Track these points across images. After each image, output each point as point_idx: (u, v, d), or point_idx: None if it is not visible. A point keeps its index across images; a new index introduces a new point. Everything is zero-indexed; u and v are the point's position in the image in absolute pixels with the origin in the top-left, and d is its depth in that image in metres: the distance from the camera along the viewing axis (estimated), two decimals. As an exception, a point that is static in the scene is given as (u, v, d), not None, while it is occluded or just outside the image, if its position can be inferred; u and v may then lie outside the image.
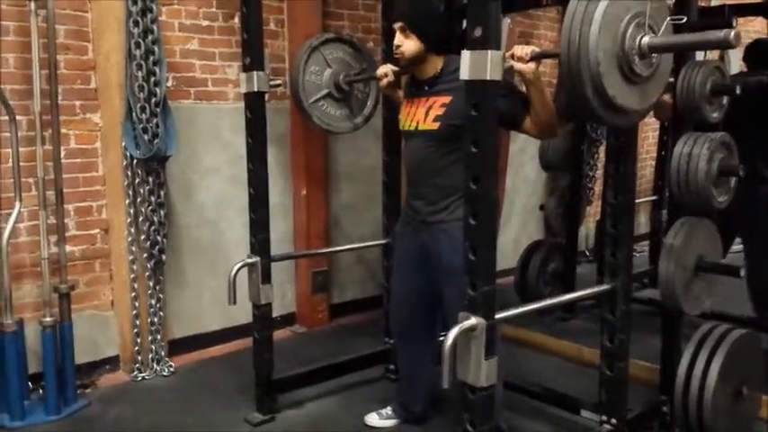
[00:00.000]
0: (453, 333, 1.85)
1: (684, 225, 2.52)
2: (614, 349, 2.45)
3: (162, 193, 3.43)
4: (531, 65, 2.11)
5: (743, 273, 2.61)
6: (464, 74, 1.81)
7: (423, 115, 2.50)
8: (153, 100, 3.27)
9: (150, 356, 3.52)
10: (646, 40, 1.80)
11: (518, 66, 2.10)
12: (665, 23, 1.85)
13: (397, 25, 2.49)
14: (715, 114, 2.65)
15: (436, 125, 2.45)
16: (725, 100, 2.69)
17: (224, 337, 3.87)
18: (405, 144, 2.71)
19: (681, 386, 2.52)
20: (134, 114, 3.25)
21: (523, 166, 5.27)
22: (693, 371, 2.50)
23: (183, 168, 3.65)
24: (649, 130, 5.88)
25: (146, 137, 3.25)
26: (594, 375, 2.58)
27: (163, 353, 3.57)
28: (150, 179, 3.39)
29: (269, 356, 3.01)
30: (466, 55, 1.79)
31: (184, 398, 3.26)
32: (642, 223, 5.36)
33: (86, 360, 3.38)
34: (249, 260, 2.90)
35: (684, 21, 2.02)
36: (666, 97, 2.65)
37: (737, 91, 2.56)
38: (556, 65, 5.10)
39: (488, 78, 1.77)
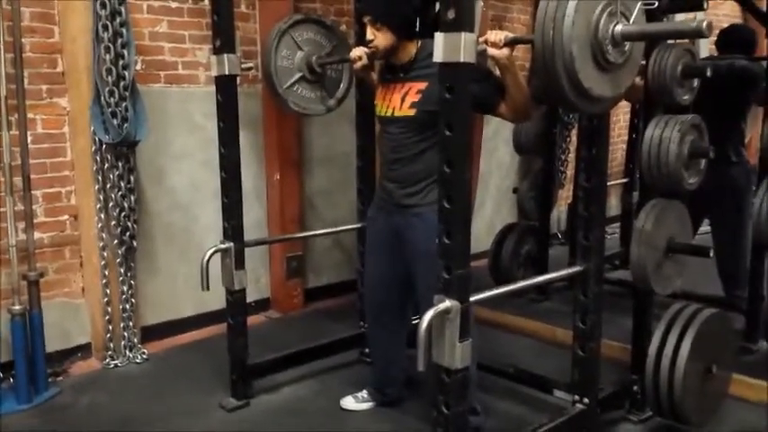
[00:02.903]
0: (428, 316, 1.85)
1: (655, 207, 2.55)
2: (586, 330, 2.48)
3: (132, 178, 3.38)
4: (505, 50, 2.10)
5: (712, 253, 2.65)
6: (437, 56, 1.80)
7: (399, 101, 2.49)
8: (121, 83, 3.20)
9: (122, 343, 3.48)
10: (619, 28, 1.80)
11: (492, 51, 2.10)
12: (636, 10, 1.85)
13: (366, 19, 2.48)
14: (686, 97, 2.67)
15: (412, 111, 2.44)
16: (695, 83, 2.72)
17: (198, 323, 3.85)
18: (380, 129, 2.69)
19: (651, 365, 2.57)
20: (102, 98, 3.19)
21: (497, 150, 5.30)
22: (664, 350, 2.54)
23: (153, 153, 3.60)
24: (620, 113, 5.94)
25: (115, 121, 3.20)
26: (567, 356, 2.62)
27: (135, 340, 3.54)
28: (120, 164, 3.34)
29: (243, 342, 3.00)
30: (439, 37, 1.78)
31: (158, 384, 3.24)
32: (613, 206, 5.42)
33: (57, 348, 3.35)
34: (222, 245, 2.87)
35: (656, 5, 2.02)
36: (637, 80, 2.67)
37: (708, 73, 2.59)
38: (529, 49, 5.13)
39: (462, 61, 1.77)
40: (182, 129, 3.73)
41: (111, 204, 3.36)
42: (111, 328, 3.45)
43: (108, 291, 3.44)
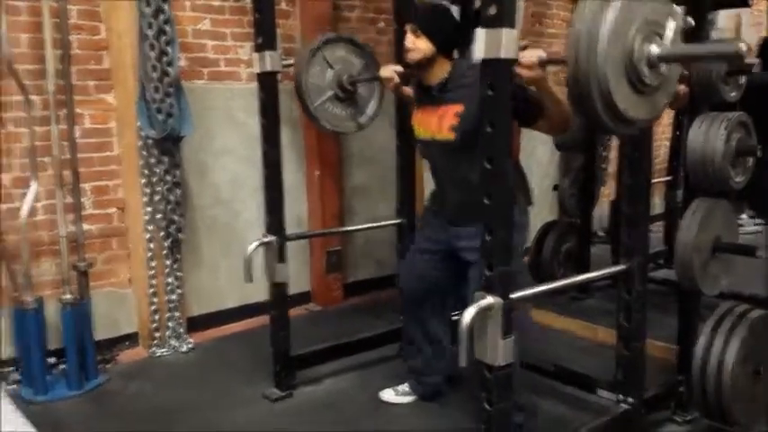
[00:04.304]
0: (470, 312, 1.85)
1: (701, 206, 2.50)
2: (631, 329, 2.44)
3: (177, 172, 3.45)
4: (539, 71, 2.05)
5: (759, 253, 2.59)
6: (478, 53, 1.78)
7: (436, 125, 2.48)
8: (166, 80, 3.27)
9: (168, 333, 3.56)
10: (655, 50, 1.74)
11: (525, 74, 2.03)
12: (671, 29, 1.79)
13: (408, 27, 2.48)
14: (732, 94, 2.61)
15: (452, 135, 2.43)
16: (742, 80, 2.65)
17: (241, 314, 3.91)
18: (421, 147, 2.69)
19: (698, 366, 2.52)
20: (148, 94, 3.25)
21: (536, 147, 5.24)
22: (711, 350, 2.49)
23: (197, 149, 3.66)
24: (664, 111, 5.81)
25: (160, 117, 3.26)
26: (609, 355, 2.58)
27: (181, 330, 3.61)
28: (165, 159, 3.40)
29: (286, 333, 3.04)
30: (480, 33, 1.76)
31: (203, 374, 3.31)
32: (657, 204, 5.32)
33: (106, 336, 3.44)
34: (265, 239, 2.91)
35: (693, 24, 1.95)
36: (682, 87, 2.63)
37: (754, 69, 2.52)
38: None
39: (503, 57, 1.75)
40: (224, 125, 3.78)
41: (157, 198, 3.43)
42: (157, 317, 3.54)
43: (154, 282, 3.52)
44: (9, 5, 2.99)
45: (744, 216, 5.57)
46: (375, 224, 3.54)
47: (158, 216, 3.45)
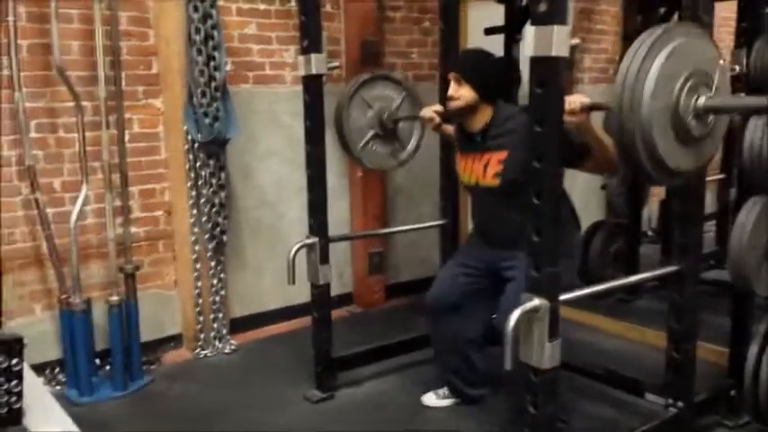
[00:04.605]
0: (516, 314, 1.83)
1: (757, 204, 2.42)
2: (682, 331, 2.39)
3: (222, 175, 3.49)
4: (582, 116, 2.06)
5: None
6: (528, 50, 1.76)
7: (481, 172, 2.52)
8: (213, 84, 3.31)
9: (212, 334, 3.60)
10: (702, 101, 1.71)
11: (568, 119, 2.03)
12: (718, 76, 1.74)
13: (452, 75, 2.51)
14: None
15: (497, 182, 2.47)
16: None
17: (283, 315, 3.94)
18: (465, 189, 2.73)
19: (751, 369, 2.46)
20: (195, 99, 3.30)
21: (583, 146, 5.16)
22: (764, 354, 2.42)
23: (242, 151, 3.70)
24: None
25: (206, 121, 3.30)
26: (658, 358, 2.53)
27: (224, 331, 3.65)
28: (211, 162, 3.45)
29: (328, 335, 3.05)
30: (530, 30, 1.75)
31: (246, 375, 3.34)
32: (709, 203, 5.19)
33: (151, 338, 3.48)
34: (308, 241, 2.93)
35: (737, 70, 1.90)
36: None
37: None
38: (618, 42, 4.97)
39: (553, 55, 1.72)
40: (269, 128, 3.82)
41: (202, 200, 3.48)
42: (201, 319, 3.58)
43: (199, 283, 3.57)
44: (62, 13, 3.06)
45: None
46: (417, 225, 3.53)
47: (204, 218, 3.50)
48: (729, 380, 2.68)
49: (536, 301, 1.85)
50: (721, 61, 1.75)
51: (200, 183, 3.47)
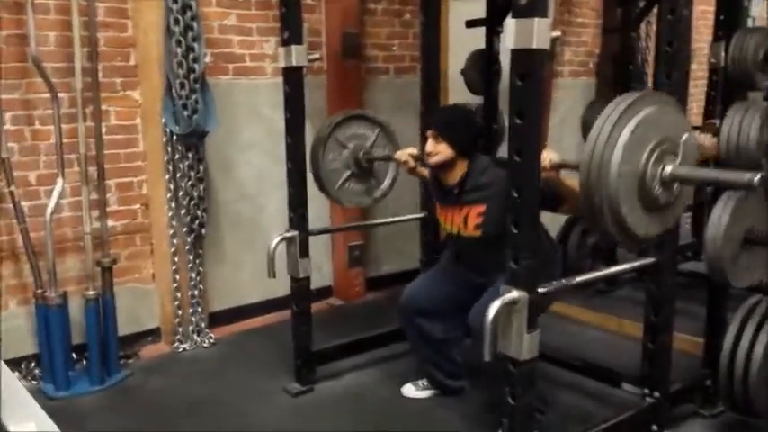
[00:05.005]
0: (495, 306, 1.84)
1: (732, 197, 2.45)
2: (658, 322, 2.42)
3: (201, 168, 3.47)
4: (551, 173, 2.13)
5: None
6: (509, 43, 1.77)
7: (461, 223, 2.62)
8: (192, 76, 3.28)
9: (191, 328, 3.59)
10: (669, 169, 1.75)
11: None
12: (685, 148, 1.78)
13: (429, 132, 2.59)
14: (767, 82, 2.57)
15: (478, 233, 2.57)
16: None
17: (263, 309, 3.93)
18: (448, 236, 2.78)
19: (726, 359, 2.49)
20: (173, 91, 3.27)
21: (563, 138, 5.18)
22: (739, 344, 2.46)
23: (221, 144, 3.67)
24: (694, 102, 5.73)
25: (185, 113, 3.28)
26: (635, 349, 2.56)
27: (203, 324, 3.64)
28: (190, 155, 3.42)
29: (307, 328, 3.04)
30: (511, 23, 1.75)
31: (225, 368, 3.33)
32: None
33: (129, 332, 3.46)
34: (288, 234, 2.92)
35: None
36: (710, 138, 2.62)
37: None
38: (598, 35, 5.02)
39: (534, 47, 1.73)
40: (249, 120, 3.80)
41: (180, 194, 3.45)
42: (179, 313, 3.56)
43: (177, 277, 3.54)
44: (38, 4, 3.02)
45: None
46: (398, 218, 3.53)
47: (182, 212, 3.47)
48: (705, 370, 2.73)
49: (515, 293, 1.87)
50: (686, 135, 1.79)
51: (178, 176, 3.44)
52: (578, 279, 2.30)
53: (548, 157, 2.10)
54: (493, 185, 2.49)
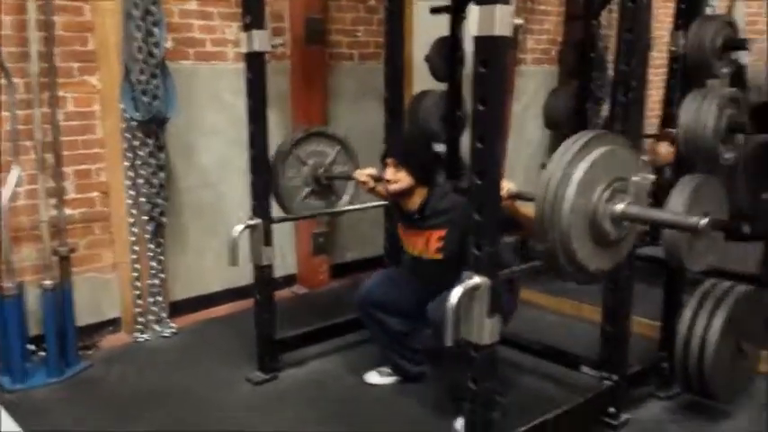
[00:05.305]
0: (457, 292, 1.85)
1: (690, 182, 2.51)
2: (616, 306, 2.47)
3: (162, 155, 3.41)
4: (507, 202, 2.17)
5: (746, 229, 2.61)
6: (472, 30, 1.78)
7: (423, 246, 2.70)
8: (152, 61, 3.22)
9: (152, 318, 3.54)
10: (619, 208, 1.80)
11: None
12: (636, 187, 1.84)
13: (389, 160, 2.65)
14: (725, 70, 2.61)
15: (440, 255, 2.65)
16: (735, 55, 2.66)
17: (226, 297, 3.90)
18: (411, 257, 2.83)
19: (682, 343, 2.56)
20: (132, 76, 3.21)
21: (526, 126, 5.24)
22: (695, 327, 2.52)
23: (183, 130, 3.62)
24: (653, 89, 5.83)
25: (145, 99, 3.22)
26: (594, 332, 2.61)
27: (164, 314, 3.59)
28: (150, 141, 3.37)
29: (270, 317, 3.03)
30: (474, 10, 1.76)
31: (186, 358, 3.30)
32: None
33: (88, 322, 3.40)
34: (251, 222, 2.90)
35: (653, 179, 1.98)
36: (664, 147, 2.65)
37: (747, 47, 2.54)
38: (561, 23, 5.06)
39: (497, 34, 1.74)
40: (211, 106, 3.74)
41: (140, 181, 3.39)
42: (140, 302, 3.52)
43: (137, 266, 3.49)
44: (-10, -15, 2.93)
45: None
46: (362, 205, 3.52)
47: (142, 200, 3.42)
48: (661, 352, 2.79)
49: (476, 279, 1.88)
50: (637, 177, 1.85)
51: (138, 163, 3.38)
52: (537, 263, 2.32)
53: (506, 186, 2.15)
54: (453, 210, 2.58)
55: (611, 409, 2.55)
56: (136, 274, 3.49)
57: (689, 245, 2.51)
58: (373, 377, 3.00)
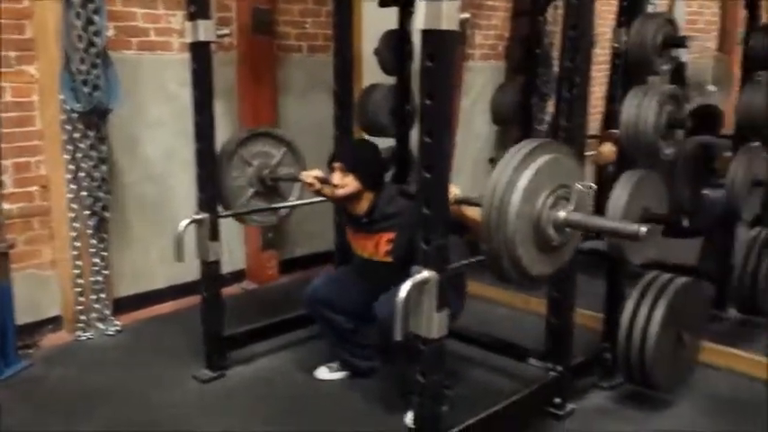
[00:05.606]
0: (407, 286, 1.86)
1: (632, 177, 2.57)
2: (561, 299, 2.52)
3: (104, 148, 3.32)
4: (455, 207, 2.18)
5: (686, 223, 2.69)
6: (419, 24, 1.78)
7: (373, 249, 2.72)
8: (93, 50, 3.13)
9: (94, 315, 3.45)
10: (563, 215, 1.85)
11: None
12: (578, 195, 1.88)
13: (337, 165, 2.66)
14: (665, 67, 2.68)
15: (389, 258, 2.65)
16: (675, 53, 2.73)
17: (172, 294, 3.82)
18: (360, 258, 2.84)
19: (624, 333, 2.62)
20: (73, 65, 3.11)
21: (474, 120, 5.28)
22: (636, 319, 2.59)
23: (126, 122, 3.53)
24: (597, 84, 5.94)
25: (85, 89, 3.13)
26: (540, 324, 2.65)
27: (107, 312, 3.50)
28: (91, 133, 3.27)
29: (218, 313, 2.99)
30: (421, 4, 1.76)
31: (130, 357, 3.23)
32: (588, 175, 5.45)
33: (27, 320, 3.29)
34: (197, 216, 2.84)
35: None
36: (607, 147, 2.70)
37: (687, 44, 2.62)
38: (508, 18, 5.11)
39: (443, 28, 1.75)
40: (155, 97, 3.66)
41: (81, 174, 3.30)
42: (82, 300, 3.42)
43: (79, 262, 3.40)
44: None
45: None
46: (311, 200, 3.48)
47: (83, 194, 3.32)
48: (605, 344, 2.85)
49: (425, 273, 1.89)
50: (579, 185, 1.89)
51: (79, 156, 3.28)
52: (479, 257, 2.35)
53: (453, 191, 2.16)
54: (400, 215, 2.59)
55: (557, 400, 2.60)
56: (77, 271, 3.39)
57: (631, 238, 2.57)
58: (323, 373, 2.99)
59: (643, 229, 1.82)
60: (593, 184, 1.95)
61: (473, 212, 2.20)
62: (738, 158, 3.20)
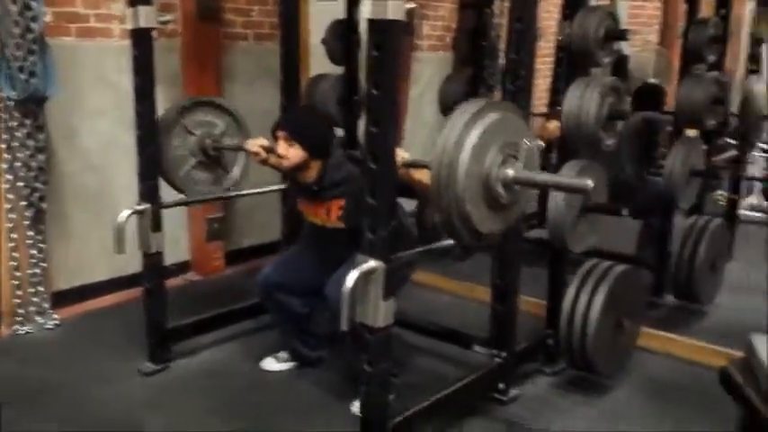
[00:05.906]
0: (353, 276, 1.86)
1: (574, 167, 2.62)
2: (505, 286, 2.56)
3: (41, 136, 3.21)
4: (403, 170, 2.17)
5: (625, 212, 2.76)
6: (366, 13, 1.78)
7: (325, 215, 2.68)
8: (29, 36, 3.02)
9: (32, 309, 3.35)
10: (511, 172, 1.85)
11: None
12: (526, 153, 1.89)
13: (280, 134, 2.59)
14: (607, 59, 2.74)
15: (342, 223, 2.64)
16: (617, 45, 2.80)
17: (113, 287, 3.73)
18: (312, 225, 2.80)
19: (565, 320, 2.69)
20: (8, 52, 3.00)
21: (422, 110, 5.32)
22: (577, 305, 2.66)
23: (65, 111, 3.42)
24: (541, 77, 6.05)
25: (21, 76, 3.03)
26: (485, 312, 2.70)
27: (46, 305, 3.41)
28: (28, 122, 3.17)
29: (161, 305, 2.94)
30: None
31: (71, 351, 3.14)
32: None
33: (-38, 315, 3.17)
34: (138, 207, 2.79)
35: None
36: (555, 124, 2.75)
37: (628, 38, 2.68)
38: (455, 10, 5.15)
39: (390, 18, 1.75)
40: (95, 85, 3.56)
41: (17, 164, 3.19)
42: (19, 293, 3.31)
43: (15, 255, 3.28)
44: None
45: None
46: (258, 190, 3.45)
47: (20, 184, 3.21)
48: (548, 330, 2.92)
49: (371, 263, 1.90)
50: (528, 141, 1.91)
51: (15, 145, 3.16)
52: (431, 246, 2.39)
53: (400, 155, 2.15)
54: (350, 180, 2.55)
55: (501, 385, 2.65)
56: (14, 263, 3.28)
57: (572, 226, 2.64)
58: (270, 364, 2.97)
59: (590, 182, 1.86)
60: (540, 141, 1.97)
61: (421, 175, 2.19)
62: (677, 149, 3.31)
